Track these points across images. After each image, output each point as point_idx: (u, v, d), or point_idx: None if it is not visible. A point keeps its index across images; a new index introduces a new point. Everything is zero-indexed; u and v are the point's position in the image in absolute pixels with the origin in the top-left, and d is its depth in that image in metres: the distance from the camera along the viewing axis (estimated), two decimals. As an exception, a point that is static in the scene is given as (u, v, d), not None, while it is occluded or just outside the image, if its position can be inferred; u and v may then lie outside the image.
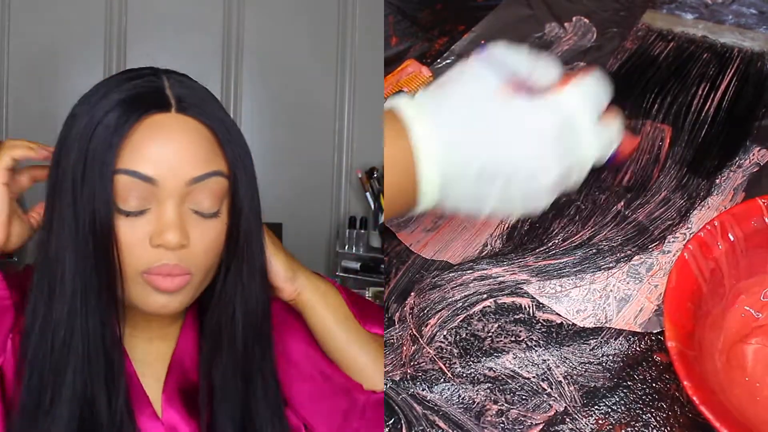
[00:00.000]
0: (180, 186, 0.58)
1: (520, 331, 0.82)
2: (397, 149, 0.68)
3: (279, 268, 0.67)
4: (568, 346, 0.80)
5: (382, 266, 1.18)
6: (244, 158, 0.62)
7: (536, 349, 0.80)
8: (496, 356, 0.80)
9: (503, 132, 0.68)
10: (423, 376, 0.80)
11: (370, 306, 0.74)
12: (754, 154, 0.93)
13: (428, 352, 0.81)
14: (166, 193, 0.58)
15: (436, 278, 0.87)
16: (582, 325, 0.82)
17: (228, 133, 0.61)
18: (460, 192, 0.70)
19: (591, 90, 0.71)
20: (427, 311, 0.84)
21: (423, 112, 0.69)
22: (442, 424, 0.76)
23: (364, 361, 0.69)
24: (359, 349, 0.69)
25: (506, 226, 0.91)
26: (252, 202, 0.63)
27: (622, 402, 0.76)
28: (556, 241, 0.88)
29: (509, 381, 0.78)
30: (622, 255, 0.86)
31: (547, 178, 0.69)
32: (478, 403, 0.77)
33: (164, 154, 0.58)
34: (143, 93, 0.59)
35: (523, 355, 0.80)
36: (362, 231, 1.74)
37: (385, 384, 0.79)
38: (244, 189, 0.62)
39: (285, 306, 0.69)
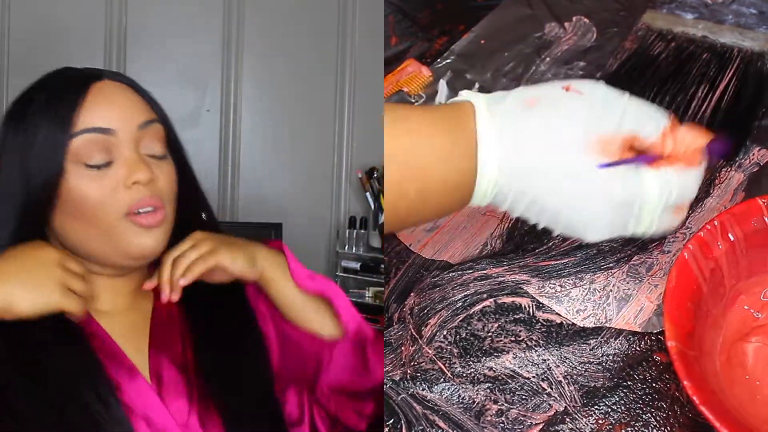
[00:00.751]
0: (133, 131, 0.67)
1: (520, 331, 0.82)
2: (458, 145, 0.67)
3: (240, 267, 0.69)
4: (568, 345, 0.80)
5: (382, 266, 1.18)
6: (167, 115, 0.72)
7: (536, 348, 0.80)
8: (496, 356, 0.80)
9: (569, 181, 0.67)
10: (423, 376, 0.80)
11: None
12: (754, 154, 0.93)
13: (428, 352, 0.81)
14: (124, 141, 0.67)
15: (436, 278, 0.87)
16: (582, 325, 0.82)
17: (152, 98, 0.71)
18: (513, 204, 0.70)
19: (681, 188, 0.69)
20: (427, 311, 0.84)
21: (503, 125, 0.67)
22: (442, 424, 0.76)
23: (319, 318, 0.72)
24: (312, 309, 0.72)
25: (506, 226, 0.91)
26: (183, 151, 0.73)
27: (622, 402, 0.76)
28: (556, 241, 0.88)
29: (509, 381, 0.78)
30: (623, 255, 0.86)
31: (593, 236, 0.70)
32: (478, 403, 0.77)
33: (113, 109, 0.67)
34: (76, 74, 0.69)
35: (523, 355, 0.80)
36: (362, 231, 1.74)
37: (385, 384, 0.79)
38: (175, 139, 0.72)
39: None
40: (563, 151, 0.66)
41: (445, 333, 0.82)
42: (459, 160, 0.68)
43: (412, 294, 0.86)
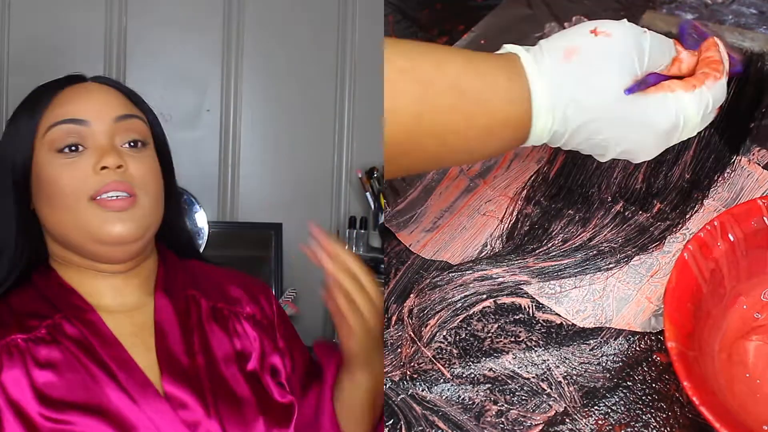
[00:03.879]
0: (108, 123, 0.70)
1: (520, 332, 0.82)
2: (517, 88, 0.70)
3: (357, 337, 0.67)
4: (568, 346, 0.80)
5: (382, 266, 1.18)
6: (156, 117, 0.75)
7: (536, 349, 0.80)
8: (495, 356, 0.80)
9: (616, 120, 0.71)
10: (422, 377, 0.80)
11: None
12: (754, 154, 0.93)
13: (427, 353, 0.81)
14: (98, 132, 0.69)
15: (436, 278, 0.86)
16: (582, 326, 0.82)
17: (139, 99, 0.74)
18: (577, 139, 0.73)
19: (714, 98, 0.73)
20: (427, 312, 0.84)
21: (550, 82, 0.70)
22: (441, 425, 0.76)
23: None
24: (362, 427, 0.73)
25: (506, 226, 0.91)
26: (168, 153, 0.75)
27: (622, 402, 0.76)
28: (556, 242, 0.88)
29: (509, 381, 0.78)
30: (623, 255, 0.86)
31: (645, 157, 0.75)
32: (477, 404, 0.77)
33: (89, 103, 0.70)
34: (62, 78, 0.73)
35: (522, 356, 0.80)
36: (362, 231, 1.74)
37: (385, 384, 0.79)
38: (162, 138, 0.75)
39: None
40: (606, 95, 0.70)
41: (444, 333, 0.82)
42: (520, 102, 0.70)
43: (411, 295, 0.86)
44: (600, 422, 0.75)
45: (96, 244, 0.69)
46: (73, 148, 0.69)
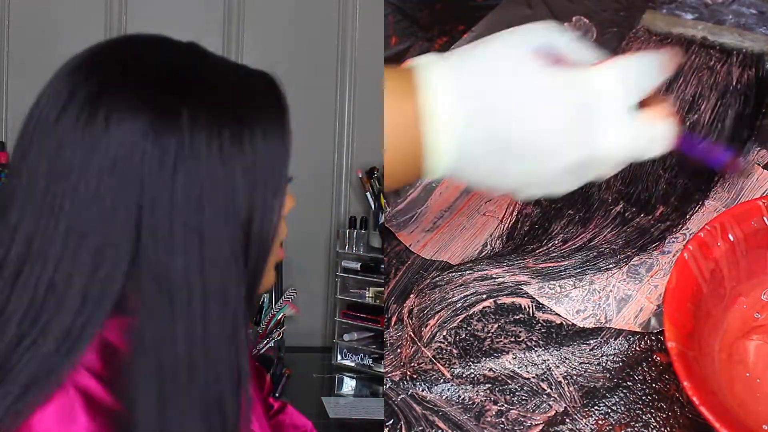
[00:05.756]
0: None
1: (520, 332, 0.82)
2: (402, 114, 0.62)
3: None
4: (568, 346, 0.80)
5: (382, 266, 1.18)
6: None
7: (536, 349, 0.80)
8: (495, 356, 0.80)
9: (528, 103, 0.61)
10: (423, 377, 0.80)
11: None
12: (754, 155, 0.93)
13: (427, 353, 0.81)
14: None
15: (436, 278, 0.86)
16: (582, 326, 0.82)
17: None
18: (482, 166, 0.63)
19: (631, 72, 0.62)
20: (427, 312, 0.84)
21: (446, 76, 0.62)
22: (441, 425, 0.76)
23: None
24: None
25: (506, 226, 0.91)
26: None
27: (622, 402, 0.76)
28: (556, 242, 0.88)
29: (509, 381, 0.78)
30: (623, 256, 0.86)
31: (566, 159, 0.62)
32: (477, 404, 0.77)
33: None
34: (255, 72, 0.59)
35: (522, 356, 0.80)
36: (362, 231, 1.74)
37: (385, 384, 0.79)
38: None
39: None
40: (509, 66, 0.62)
41: (444, 334, 0.82)
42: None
43: (411, 295, 0.86)
44: (600, 422, 0.75)
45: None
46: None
